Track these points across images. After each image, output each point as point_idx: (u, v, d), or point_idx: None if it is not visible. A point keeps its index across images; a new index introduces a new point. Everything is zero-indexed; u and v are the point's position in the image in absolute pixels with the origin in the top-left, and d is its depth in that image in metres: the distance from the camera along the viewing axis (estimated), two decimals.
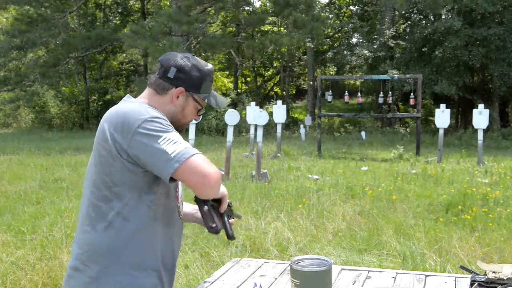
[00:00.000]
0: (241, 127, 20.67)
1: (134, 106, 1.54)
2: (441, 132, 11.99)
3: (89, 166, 1.61)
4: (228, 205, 1.74)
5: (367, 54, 23.66)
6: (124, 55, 29.46)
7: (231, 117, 9.55)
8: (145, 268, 1.57)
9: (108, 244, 1.53)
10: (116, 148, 1.48)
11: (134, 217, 1.54)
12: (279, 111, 13.59)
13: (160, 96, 1.64)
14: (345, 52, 25.36)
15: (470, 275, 1.94)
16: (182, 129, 1.70)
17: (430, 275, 2.17)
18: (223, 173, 8.88)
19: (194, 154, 1.45)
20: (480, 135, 11.24)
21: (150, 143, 1.45)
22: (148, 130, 1.46)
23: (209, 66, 1.70)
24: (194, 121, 1.69)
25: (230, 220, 1.72)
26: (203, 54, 25.42)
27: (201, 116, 1.69)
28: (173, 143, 1.44)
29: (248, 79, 35.12)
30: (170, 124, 1.53)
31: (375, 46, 23.73)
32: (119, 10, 29.95)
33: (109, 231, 1.53)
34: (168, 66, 1.64)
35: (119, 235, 1.53)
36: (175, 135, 1.48)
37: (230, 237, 1.68)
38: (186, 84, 1.64)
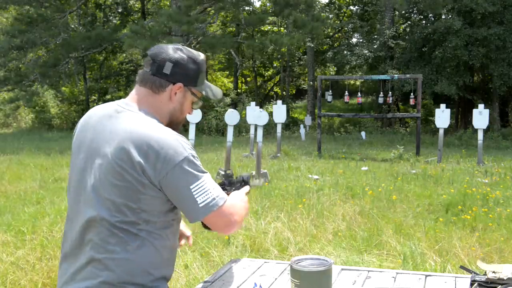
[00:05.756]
0: (241, 127, 20.68)
1: (166, 135, 1.44)
2: (441, 132, 11.98)
3: (98, 180, 1.45)
4: (243, 181, 1.83)
5: (367, 54, 23.68)
6: (124, 55, 29.46)
7: (231, 117, 9.55)
8: (167, 278, 1.60)
9: (143, 261, 1.48)
10: (147, 178, 1.41)
11: (164, 233, 1.53)
12: (279, 111, 13.59)
13: (158, 96, 1.53)
14: (345, 52, 25.37)
15: (470, 275, 1.94)
16: (179, 126, 1.63)
17: (430, 275, 2.17)
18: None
19: (222, 205, 1.47)
20: (480, 135, 11.23)
21: (183, 188, 1.42)
22: (183, 172, 1.41)
23: (202, 55, 1.60)
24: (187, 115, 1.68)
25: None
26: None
27: (193, 111, 1.65)
28: (204, 192, 1.44)
29: (248, 79, 35.12)
30: (196, 155, 1.49)
31: (375, 46, 23.75)
32: (119, 10, 29.96)
33: (143, 250, 1.48)
34: (162, 61, 1.52)
35: (153, 252, 1.50)
36: (207, 179, 1.46)
37: None
38: (184, 78, 1.54)
